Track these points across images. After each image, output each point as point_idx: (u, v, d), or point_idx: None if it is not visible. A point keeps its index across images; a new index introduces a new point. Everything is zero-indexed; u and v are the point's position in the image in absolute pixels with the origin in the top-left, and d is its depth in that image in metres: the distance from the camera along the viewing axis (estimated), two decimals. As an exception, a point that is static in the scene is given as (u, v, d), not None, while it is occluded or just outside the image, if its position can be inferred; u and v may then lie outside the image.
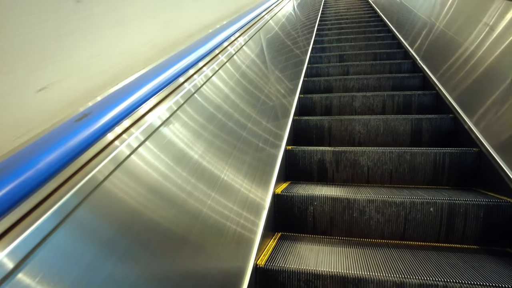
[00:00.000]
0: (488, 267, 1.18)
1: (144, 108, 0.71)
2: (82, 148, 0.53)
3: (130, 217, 0.61)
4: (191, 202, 0.82)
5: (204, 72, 1.04)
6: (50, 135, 0.53)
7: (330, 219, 1.52)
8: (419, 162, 1.77)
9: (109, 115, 0.61)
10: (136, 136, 0.66)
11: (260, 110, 1.56)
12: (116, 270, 0.55)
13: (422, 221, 1.43)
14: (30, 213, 0.44)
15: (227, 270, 0.98)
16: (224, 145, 1.10)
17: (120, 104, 0.65)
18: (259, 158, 1.43)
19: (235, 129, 1.22)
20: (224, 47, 1.27)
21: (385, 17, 4.80)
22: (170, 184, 0.75)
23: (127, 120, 0.66)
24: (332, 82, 2.96)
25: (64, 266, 0.46)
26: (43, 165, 0.45)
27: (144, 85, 0.74)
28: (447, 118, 2.06)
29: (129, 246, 0.59)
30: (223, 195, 1.01)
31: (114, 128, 0.62)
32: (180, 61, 0.90)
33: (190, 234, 0.79)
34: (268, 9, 2.10)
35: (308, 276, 1.18)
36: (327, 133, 2.23)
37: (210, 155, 0.97)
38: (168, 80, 0.82)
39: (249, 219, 1.19)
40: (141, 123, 0.69)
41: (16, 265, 0.40)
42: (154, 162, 0.71)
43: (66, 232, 0.47)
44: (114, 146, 0.60)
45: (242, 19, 1.53)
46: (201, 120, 0.96)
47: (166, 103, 0.79)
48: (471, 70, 1.95)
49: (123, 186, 0.60)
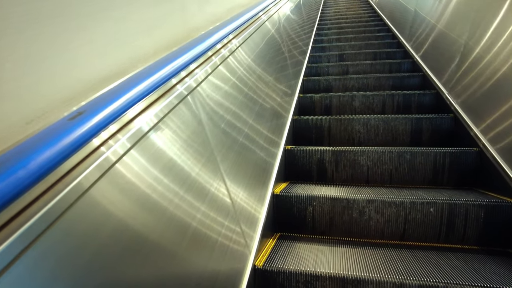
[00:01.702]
0: (489, 268, 1.17)
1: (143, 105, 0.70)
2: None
3: (127, 220, 0.60)
4: (189, 200, 0.81)
5: (207, 66, 1.03)
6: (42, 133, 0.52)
7: (330, 220, 1.51)
8: (419, 162, 1.76)
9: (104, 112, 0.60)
10: (123, 142, 0.65)
11: (259, 110, 1.55)
12: (107, 279, 0.54)
13: (422, 222, 1.42)
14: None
15: (225, 271, 0.97)
16: (223, 145, 1.08)
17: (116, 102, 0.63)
18: (258, 158, 1.42)
19: (234, 129, 1.20)
20: (224, 44, 1.25)
21: (384, 17, 4.79)
22: (169, 182, 0.74)
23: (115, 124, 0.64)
24: (332, 82, 2.95)
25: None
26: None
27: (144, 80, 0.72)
28: (447, 117, 2.05)
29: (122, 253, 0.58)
30: (221, 196, 0.99)
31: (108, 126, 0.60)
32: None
33: (186, 235, 0.78)
34: (266, 8, 2.09)
35: (307, 277, 1.17)
36: (327, 133, 2.22)
37: (209, 154, 0.96)
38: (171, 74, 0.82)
39: (247, 219, 1.17)
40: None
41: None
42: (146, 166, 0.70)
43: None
44: (100, 152, 0.59)
45: (240, 17, 1.51)
46: (202, 116, 0.95)
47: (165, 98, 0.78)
48: (471, 70, 1.93)
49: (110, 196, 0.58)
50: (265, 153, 1.53)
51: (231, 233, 1.02)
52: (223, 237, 0.96)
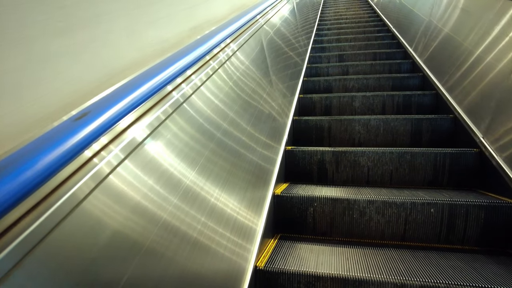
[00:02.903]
0: (489, 268, 1.18)
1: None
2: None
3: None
4: (195, 203, 0.81)
5: (207, 69, 1.03)
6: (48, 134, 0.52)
7: (330, 220, 1.51)
8: (420, 162, 1.76)
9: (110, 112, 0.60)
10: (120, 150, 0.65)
11: (260, 110, 1.55)
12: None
13: (423, 222, 1.42)
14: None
15: (226, 271, 0.97)
16: (224, 147, 1.09)
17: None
18: (259, 159, 1.42)
19: (234, 130, 1.20)
20: (227, 44, 1.26)
21: (384, 17, 4.79)
22: (177, 185, 0.74)
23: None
24: (332, 82, 2.95)
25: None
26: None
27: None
28: (447, 118, 2.06)
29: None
30: (222, 197, 0.99)
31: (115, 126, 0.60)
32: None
33: (189, 237, 0.78)
34: (267, 9, 2.09)
35: (308, 278, 1.17)
36: (327, 133, 2.22)
37: (213, 155, 0.96)
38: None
39: (249, 220, 1.18)
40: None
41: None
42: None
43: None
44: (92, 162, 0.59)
45: (241, 18, 1.52)
46: (207, 112, 0.95)
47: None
48: (471, 70, 1.94)
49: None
50: (265, 154, 1.53)
51: (233, 234, 1.02)
52: (224, 238, 0.97)
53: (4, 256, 0.39)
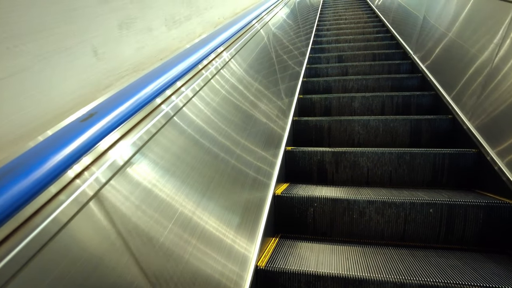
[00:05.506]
0: (488, 268, 1.19)
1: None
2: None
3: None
4: (200, 206, 0.82)
5: (214, 65, 1.04)
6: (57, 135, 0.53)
7: (330, 220, 1.52)
8: (419, 163, 1.77)
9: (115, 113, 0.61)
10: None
11: (260, 112, 1.56)
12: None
13: (422, 222, 1.43)
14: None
15: (228, 271, 0.98)
16: (227, 150, 1.09)
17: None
18: (259, 160, 1.43)
19: (235, 132, 1.21)
20: (229, 45, 1.26)
21: (383, 18, 4.81)
22: (179, 183, 0.75)
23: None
24: (331, 83, 2.96)
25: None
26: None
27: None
28: (446, 119, 2.07)
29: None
30: (223, 197, 1.00)
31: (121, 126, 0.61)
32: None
33: (191, 237, 0.79)
34: (267, 10, 2.10)
35: (308, 278, 1.18)
36: (327, 134, 2.23)
37: (216, 152, 0.97)
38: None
39: (250, 220, 1.18)
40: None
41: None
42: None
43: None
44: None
45: (242, 20, 1.53)
46: (214, 106, 0.96)
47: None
48: (470, 71, 1.95)
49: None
50: (265, 156, 1.54)
51: (234, 234, 1.03)
52: (226, 237, 0.97)
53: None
